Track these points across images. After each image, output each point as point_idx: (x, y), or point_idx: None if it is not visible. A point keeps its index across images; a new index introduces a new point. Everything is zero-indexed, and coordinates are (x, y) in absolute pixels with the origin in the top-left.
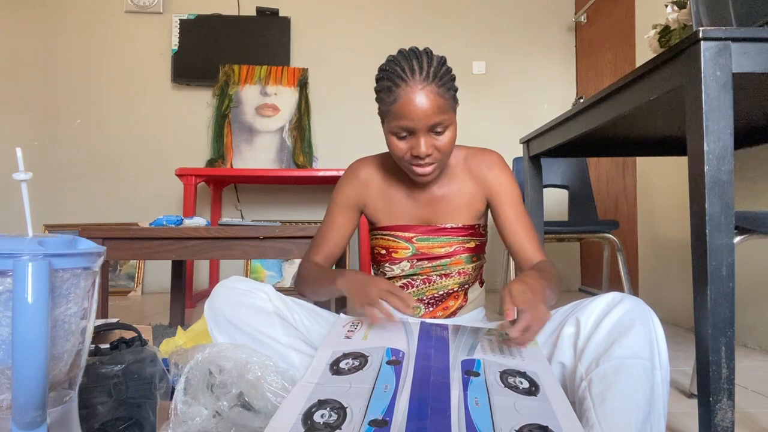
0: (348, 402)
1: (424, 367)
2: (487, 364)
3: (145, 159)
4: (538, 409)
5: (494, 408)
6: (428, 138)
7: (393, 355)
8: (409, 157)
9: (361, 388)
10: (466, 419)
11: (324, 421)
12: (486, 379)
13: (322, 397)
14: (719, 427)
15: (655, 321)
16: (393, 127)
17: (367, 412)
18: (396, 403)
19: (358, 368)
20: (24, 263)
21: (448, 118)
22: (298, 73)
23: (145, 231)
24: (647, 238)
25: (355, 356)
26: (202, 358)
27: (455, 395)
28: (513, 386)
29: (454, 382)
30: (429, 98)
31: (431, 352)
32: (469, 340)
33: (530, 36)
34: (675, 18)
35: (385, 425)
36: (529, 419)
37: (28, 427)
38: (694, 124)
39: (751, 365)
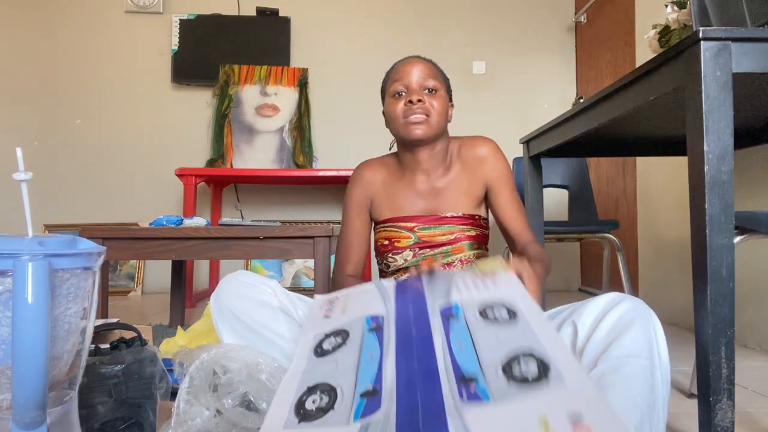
0: (337, 381)
1: (405, 325)
2: (465, 304)
3: (145, 159)
4: (520, 334)
5: (478, 347)
6: (421, 93)
7: (373, 322)
8: (403, 110)
9: (347, 363)
10: (453, 364)
11: (316, 407)
12: (466, 320)
13: (311, 383)
14: (719, 427)
15: (655, 321)
16: (390, 91)
17: (357, 385)
18: (383, 369)
19: (339, 345)
20: (24, 263)
21: (440, 86)
22: (298, 73)
23: (145, 231)
24: (647, 238)
25: (337, 333)
26: (207, 358)
27: (438, 343)
28: (493, 319)
29: (436, 330)
30: (420, 62)
31: (409, 308)
32: (444, 284)
33: (530, 36)
34: (675, 18)
35: (375, 394)
36: (513, 349)
37: (28, 427)
38: (694, 124)
39: (751, 365)
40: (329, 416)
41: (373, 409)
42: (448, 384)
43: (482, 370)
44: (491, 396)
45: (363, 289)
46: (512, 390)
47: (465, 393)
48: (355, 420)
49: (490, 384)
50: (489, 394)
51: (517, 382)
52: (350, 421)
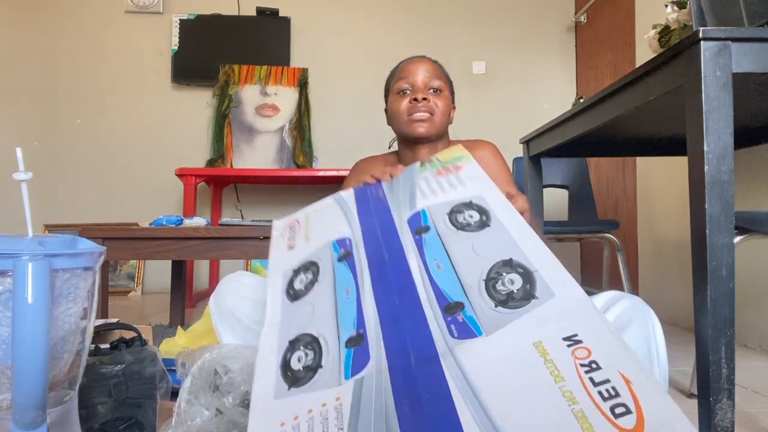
0: (317, 329)
1: (375, 248)
2: (433, 211)
3: (145, 159)
4: (498, 243)
5: (456, 264)
6: (426, 91)
7: (341, 248)
8: (408, 108)
9: (325, 306)
10: (434, 290)
11: (303, 365)
12: (438, 231)
13: (292, 336)
14: (719, 427)
15: (654, 319)
16: (395, 88)
17: (339, 331)
18: (363, 308)
19: (311, 282)
20: (24, 263)
21: (444, 87)
22: (298, 73)
23: (145, 231)
24: (647, 238)
25: (306, 268)
26: (210, 358)
27: (415, 266)
28: (465, 225)
29: (409, 250)
30: (427, 62)
31: (375, 224)
32: (406, 189)
33: (530, 36)
34: (675, 18)
35: (361, 341)
36: (492, 260)
37: (28, 427)
38: (694, 124)
39: (751, 365)
40: (319, 376)
41: (363, 361)
42: (435, 320)
43: (465, 292)
44: (482, 327)
45: (323, 206)
46: (501, 316)
47: (454, 327)
48: (347, 377)
49: (477, 310)
50: (479, 325)
51: (504, 304)
52: (342, 380)
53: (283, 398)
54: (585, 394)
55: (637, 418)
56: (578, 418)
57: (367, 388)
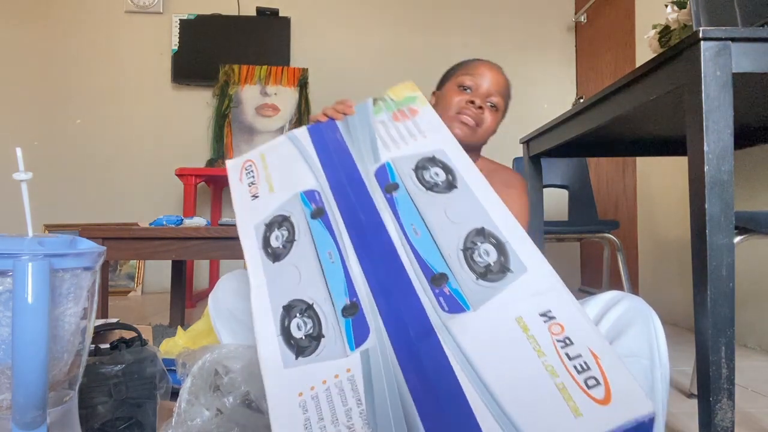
0: (309, 296)
1: (349, 207)
2: (398, 165)
3: (145, 159)
4: (468, 208)
5: (432, 230)
6: (485, 101)
7: (311, 202)
8: (460, 105)
9: (311, 270)
10: (416, 258)
11: (304, 334)
12: (407, 189)
13: (284, 301)
14: (719, 427)
15: (655, 320)
16: (457, 80)
17: (333, 299)
18: (351, 276)
19: (289, 240)
20: (24, 263)
21: (502, 106)
22: (298, 73)
23: (145, 231)
24: (647, 238)
25: (279, 223)
26: (210, 358)
27: (393, 230)
28: (433, 184)
29: (384, 213)
30: (499, 74)
31: (341, 175)
32: (365, 134)
33: (530, 36)
34: (675, 18)
35: (356, 310)
36: (465, 228)
37: (28, 427)
38: (694, 124)
39: (751, 365)
40: (323, 346)
41: (364, 333)
42: (424, 292)
43: (447, 262)
44: (469, 302)
45: (276, 144)
46: (483, 290)
47: (443, 300)
48: (352, 349)
49: (461, 283)
50: (466, 299)
51: (484, 277)
52: (347, 351)
53: (292, 367)
54: (563, 369)
55: (605, 390)
56: (560, 390)
57: (374, 360)
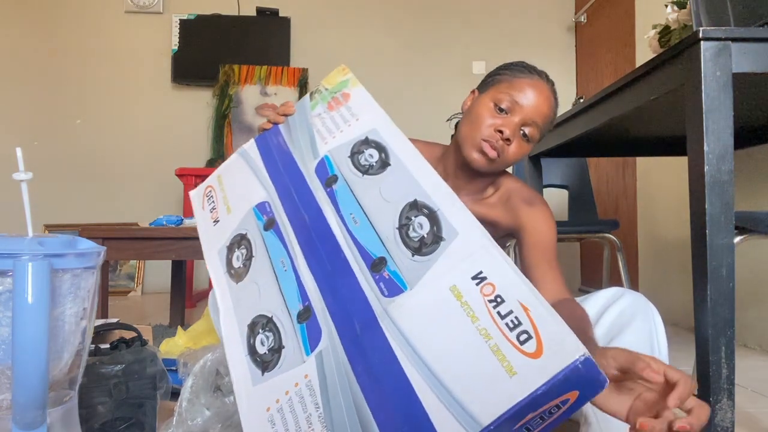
0: (269, 309)
1: (294, 211)
2: (335, 155)
3: (145, 159)
4: (401, 183)
5: (370, 215)
6: (517, 129)
7: (263, 214)
8: (489, 131)
9: (268, 282)
10: (357, 247)
11: (267, 348)
12: (345, 179)
13: (248, 320)
14: (719, 427)
15: (656, 316)
16: (502, 94)
17: (289, 308)
18: (302, 279)
19: (248, 257)
20: (24, 263)
21: (538, 134)
22: (298, 73)
23: (145, 231)
24: (647, 238)
25: (237, 243)
26: (212, 358)
27: (334, 223)
28: (368, 167)
29: (325, 207)
30: (549, 101)
31: (287, 181)
32: (305, 132)
33: (530, 36)
34: (675, 18)
35: (309, 314)
36: (400, 204)
37: (28, 427)
38: (694, 124)
39: (751, 365)
40: (284, 357)
41: (317, 335)
42: (366, 281)
43: (384, 245)
44: (406, 281)
45: (229, 163)
46: (418, 265)
47: (383, 285)
48: (308, 354)
49: (398, 263)
50: (403, 279)
51: (419, 251)
52: (304, 356)
53: (260, 384)
54: (496, 329)
55: (537, 342)
56: (494, 352)
57: (326, 361)
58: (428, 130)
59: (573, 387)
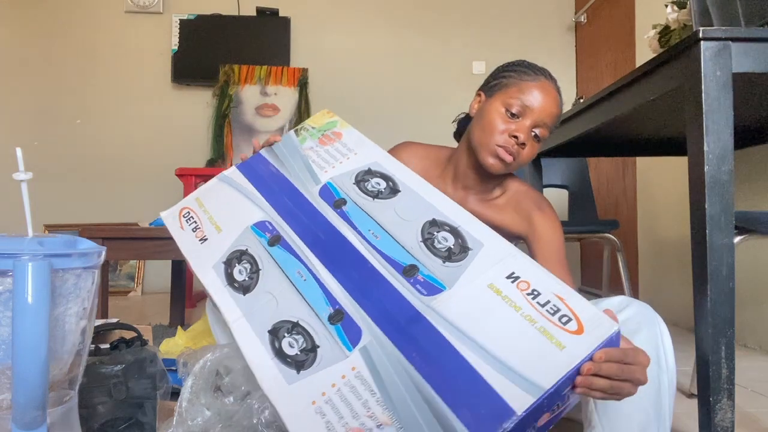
0: (293, 315)
1: (304, 228)
2: (338, 182)
3: (145, 159)
4: (416, 205)
5: (389, 230)
6: (529, 131)
7: (264, 232)
8: (502, 135)
9: (286, 294)
10: (384, 258)
11: (299, 350)
12: (355, 202)
13: (268, 326)
14: (719, 427)
15: (662, 326)
16: (512, 99)
17: (316, 312)
18: (327, 287)
19: (254, 271)
20: (24, 263)
21: (548, 133)
22: (298, 73)
23: (145, 231)
24: (647, 238)
25: (237, 258)
26: (212, 358)
27: (353, 239)
28: (377, 192)
29: (340, 226)
30: (556, 101)
31: (287, 202)
32: (299, 162)
33: (530, 36)
34: (675, 18)
35: (343, 315)
36: (419, 222)
37: (28, 427)
38: (694, 124)
39: (751, 365)
40: (322, 355)
41: (357, 333)
42: (400, 284)
43: (412, 255)
44: (442, 281)
45: (209, 188)
46: (452, 270)
47: (420, 287)
48: (350, 350)
49: (430, 268)
50: (439, 281)
51: (449, 259)
52: (346, 353)
53: (297, 382)
54: (539, 315)
55: (577, 322)
56: (542, 333)
57: (374, 353)
58: (428, 129)
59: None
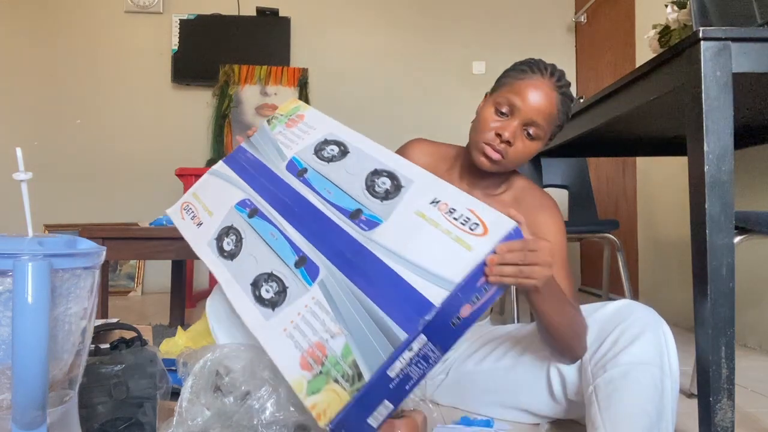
0: (269, 267)
1: (275, 198)
2: (301, 155)
3: (145, 159)
4: (362, 161)
5: (340, 185)
6: (519, 129)
7: (245, 208)
8: (490, 135)
9: (262, 251)
10: (335, 208)
11: (274, 293)
12: (315, 169)
13: (250, 280)
14: (719, 427)
15: (666, 330)
16: (501, 98)
17: (285, 261)
18: (292, 240)
19: (238, 240)
20: (24, 263)
21: (545, 131)
22: (298, 73)
23: (145, 231)
24: (647, 238)
25: (225, 233)
26: (212, 358)
27: (313, 199)
28: (331, 157)
29: (303, 191)
30: (548, 96)
31: (263, 181)
32: (270, 146)
33: (530, 36)
34: (675, 18)
35: (305, 260)
36: (363, 174)
37: (28, 427)
38: (694, 124)
39: (751, 365)
40: (290, 293)
41: (316, 271)
42: (347, 225)
43: (357, 201)
44: (379, 217)
45: (202, 183)
46: (388, 205)
47: (362, 224)
48: (310, 284)
49: (371, 209)
50: (377, 216)
51: (386, 197)
52: (307, 288)
53: (273, 317)
54: (453, 227)
55: (483, 226)
56: (455, 240)
57: (329, 283)
58: (428, 129)
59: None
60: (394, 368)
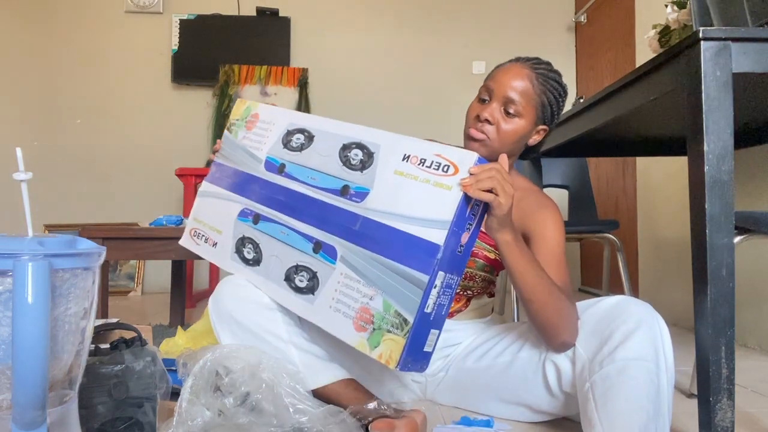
0: (293, 261)
1: (270, 200)
2: (273, 152)
3: (145, 159)
4: (329, 141)
5: (319, 169)
6: (498, 110)
7: (247, 217)
8: (472, 119)
9: (283, 251)
10: (324, 191)
11: (307, 281)
12: (290, 161)
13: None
14: (719, 427)
15: (662, 325)
16: (481, 89)
17: (305, 252)
18: (301, 231)
19: (256, 247)
20: (24, 263)
21: (525, 108)
22: (298, 73)
23: (145, 231)
24: (647, 238)
25: (242, 244)
26: (212, 358)
27: (302, 189)
28: (299, 146)
29: (289, 184)
30: (519, 74)
31: (252, 188)
32: (241, 152)
33: (530, 36)
34: (675, 18)
35: (320, 245)
36: (335, 152)
37: (28, 427)
38: (694, 124)
39: (751, 365)
40: (320, 276)
41: (332, 251)
42: (341, 203)
43: (340, 178)
44: (366, 186)
45: (197, 207)
46: (368, 174)
47: (353, 198)
48: (334, 263)
49: (356, 182)
50: (364, 186)
51: (364, 168)
52: (333, 266)
53: (316, 300)
54: (430, 175)
55: (453, 167)
56: (435, 185)
57: (349, 256)
58: (428, 129)
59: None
60: (429, 304)
